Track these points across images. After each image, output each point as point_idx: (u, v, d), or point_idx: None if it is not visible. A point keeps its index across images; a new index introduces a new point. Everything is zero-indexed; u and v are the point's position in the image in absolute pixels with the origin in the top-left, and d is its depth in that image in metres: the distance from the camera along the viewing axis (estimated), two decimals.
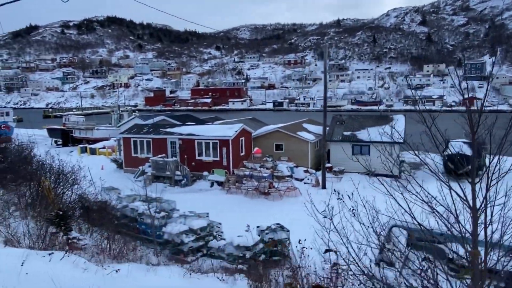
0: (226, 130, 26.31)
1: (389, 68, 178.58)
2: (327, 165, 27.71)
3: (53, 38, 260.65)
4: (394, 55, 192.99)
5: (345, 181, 25.35)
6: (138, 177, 27.26)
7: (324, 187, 23.96)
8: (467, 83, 8.03)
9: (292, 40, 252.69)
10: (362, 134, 27.98)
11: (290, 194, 22.45)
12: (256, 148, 25.01)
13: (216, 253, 14.12)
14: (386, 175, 26.11)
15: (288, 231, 13.82)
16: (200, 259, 13.99)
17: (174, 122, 33.87)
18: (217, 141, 25.83)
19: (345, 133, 28.56)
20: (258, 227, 14.18)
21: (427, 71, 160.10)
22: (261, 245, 12.88)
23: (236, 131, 25.89)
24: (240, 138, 26.94)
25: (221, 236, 15.18)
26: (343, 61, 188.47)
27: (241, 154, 27.16)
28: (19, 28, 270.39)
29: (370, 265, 11.14)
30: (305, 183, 24.61)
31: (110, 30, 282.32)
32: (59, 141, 44.31)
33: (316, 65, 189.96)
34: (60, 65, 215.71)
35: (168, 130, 28.27)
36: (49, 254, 7.11)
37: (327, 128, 32.67)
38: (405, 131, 27.64)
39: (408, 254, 10.39)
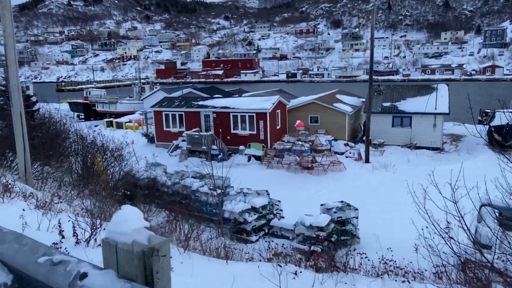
0: (262, 102, 25.30)
1: (405, 36, 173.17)
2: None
3: (60, 10, 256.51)
4: (410, 22, 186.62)
5: (389, 155, 24.46)
6: (172, 152, 26.67)
7: (367, 161, 23.09)
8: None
9: (303, 8, 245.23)
10: (403, 105, 26.78)
11: (335, 169, 21.66)
12: (298, 121, 24.04)
13: (280, 232, 13.53)
14: (428, 148, 24.75)
15: (357, 209, 13.09)
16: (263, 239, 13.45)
17: (202, 95, 32.91)
18: (254, 114, 24.89)
19: (384, 104, 27.35)
20: (322, 205, 13.47)
21: (445, 38, 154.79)
22: (332, 225, 12.20)
23: (273, 104, 24.89)
24: (276, 111, 25.97)
25: (280, 214, 14.56)
26: (357, 29, 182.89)
27: (278, 127, 26.27)
28: (26, 1, 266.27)
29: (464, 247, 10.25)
30: (346, 157, 23.75)
31: (116, 1, 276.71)
32: (81, 115, 43.76)
33: (329, 34, 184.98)
34: (68, 38, 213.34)
35: (201, 103, 27.35)
36: None
37: (363, 100, 31.51)
38: (449, 101, 26.39)
39: (501, 236, 9.53)
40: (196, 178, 16.17)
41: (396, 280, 6.50)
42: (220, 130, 26.08)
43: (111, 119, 37.34)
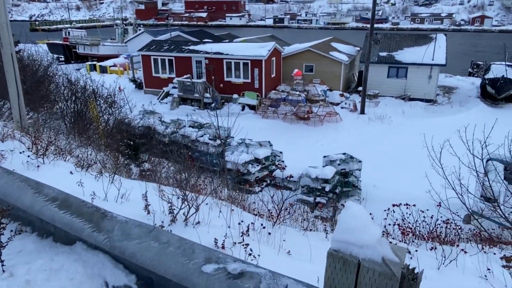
0: (258, 49, 24.25)
1: None
2: (360, 88, 26.39)
3: None
4: None
5: (383, 106, 24.33)
6: (162, 99, 25.77)
7: (363, 112, 22.92)
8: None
9: None
10: (400, 55, 26.23)
11: (331, 120, 21.45)
12: (296, 70, 23.30)
13: (282, 183, 13.47)
14: (422, 99, 24.67)
15: (360, 161, 13.04)
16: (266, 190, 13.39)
17: (191, 39, 31.34)
18: (249, 61, 23.94)
19: (381, 53, 26.71)
20: (325, 157, 13.37)
21: None
22: (337, 177, 12.16)
23: (269, 51, 23.90)
24: (272, 59, 25.04)
25: (282, 165, 14.42)
26: None
27: (272, 76, 25.50)
28: None
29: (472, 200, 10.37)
30: (342, 107, 23.47)
31: None
32: (61, 57, 41.36)
33: None
34: None
35: (192, 48, 26.04)
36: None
37: (358, 49, 30.69)
38: (447, 52, 25.95)
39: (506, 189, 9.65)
40: (194, 127, 15.68)
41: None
42: (213, 77, 25.10)
43: (94, 62, 35.46)
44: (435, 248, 4.72)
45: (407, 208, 6.13)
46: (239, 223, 3.74)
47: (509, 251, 5.49)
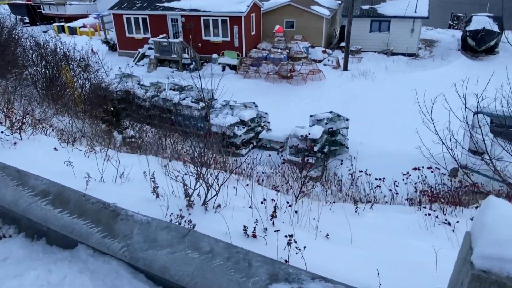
0: (236, 4, 23.11)
1: None
2: (342, 44, 25.86)
3: None
4: None
5: (366, 62, 24.04)
6: (138, 61, 24.65)
7: (346, 68, 22.58)
8: None
9: None
10: (382, 8, 25.60)
11: (314, 78, 21.08)
12: (277, 26, 22.45)
13: (269, 144, 13.28)
14: (404, 54, 24.45)
15: (347, 120, 12.91)
16: (252, 151, 13.18)
17: None
18: (227, 18, 22.89)
19: (363, 7, 25.99)
20: (312, 116, 13.16)
21: None
22: (325, 137, 12.03)
23: (248, 6, 22.84)
24: (251, 15, 24.01)
25: (267, 126, 14.19)
26: None
27: (252, 33, 24.59)
28: None
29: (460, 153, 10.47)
30: (325, 64, 23.04)
31: None
32: (25, 19, 38.64)
33: None
34: None
35: (166, 4, 24.61)
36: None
37: (339, 2, 29.78)
38: (429, 4, 25.48)
39: (492, 142, 9.76)
40: (176, 90, 15.07)
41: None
42: (190, 36, 24.05)
43: (61, 23, 33.31)
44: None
45: (419, 170, 5.98)
46: (261, 202, 3.36)
47: None
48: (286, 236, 2.43)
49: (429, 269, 2.42)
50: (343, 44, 25.80)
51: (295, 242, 2.33)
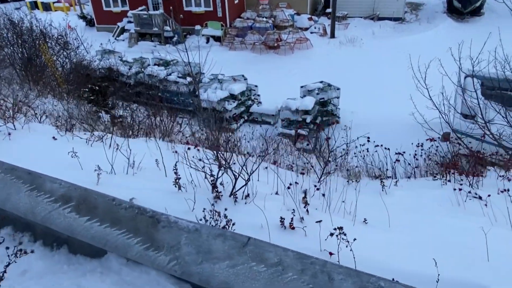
0: None
1: None
2: (327, 10, 25.29)
3: None
4: None
5: (353, 28, 23.63)
6: (118, 36, 23.72)
7: (333, 36, 22.18)
8: None
9: None
10: None
11: (302, 47, 20.67)
12: None
13: (260, 118, 13.11)
14: (390, 18, 24.10)
15: (338, 89, 12.76)
16: (244, 126, 13.00)
17: None
18: None
19: None
20: (302, 87, 12.95)
21: None
22: (317, 107, 11.89)
23: None
24: None
25: (258, 99, 13.94)
26: None
27: (236, 2, 23.77)
28: None
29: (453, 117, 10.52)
30: (311, 32, 22.55)
31: None
32: None
33: None
34: None
35: None
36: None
37: None
38: None
39: (484, 106, 9.82)
40: (160, 65, 14.58)
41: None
42: (171, 7, 23.11)
43: None
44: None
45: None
46: (288, 187, 3.11)
47: None
48: (335, 228, 2.19)
49: (479, 251, 2.34)
50: (328, 10, 25.22)
51: (345, 235, 2.16)
